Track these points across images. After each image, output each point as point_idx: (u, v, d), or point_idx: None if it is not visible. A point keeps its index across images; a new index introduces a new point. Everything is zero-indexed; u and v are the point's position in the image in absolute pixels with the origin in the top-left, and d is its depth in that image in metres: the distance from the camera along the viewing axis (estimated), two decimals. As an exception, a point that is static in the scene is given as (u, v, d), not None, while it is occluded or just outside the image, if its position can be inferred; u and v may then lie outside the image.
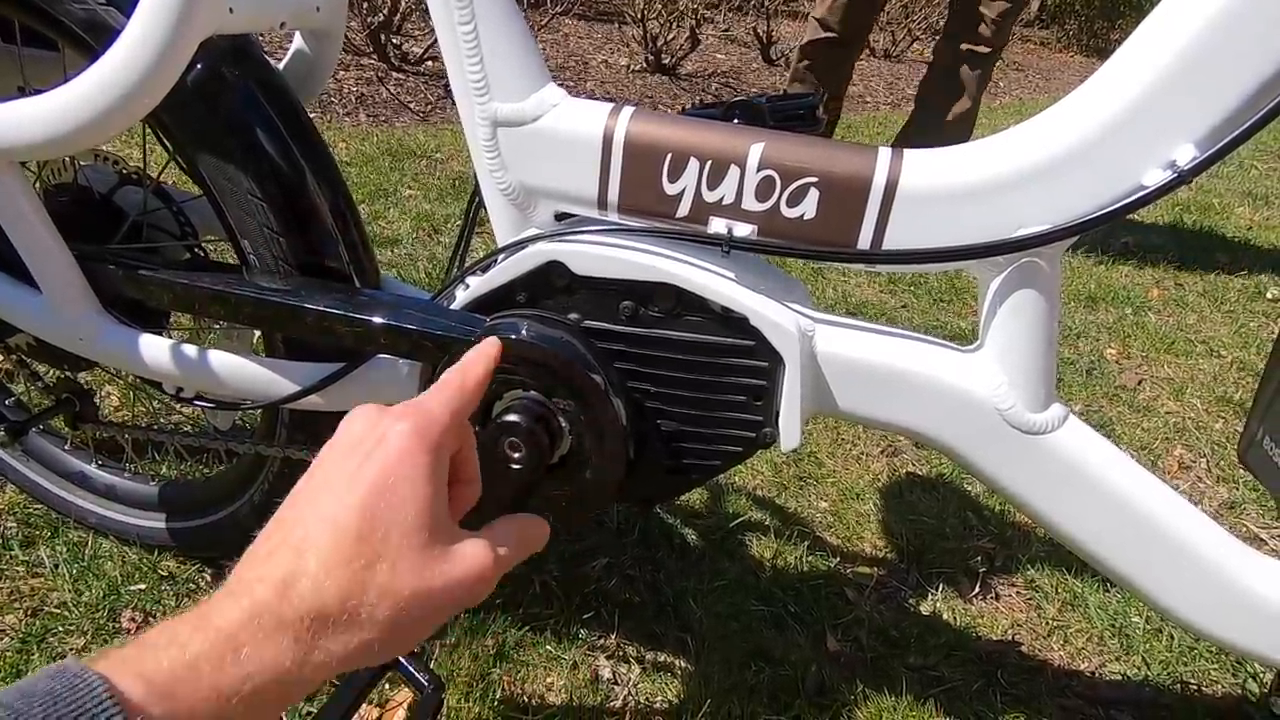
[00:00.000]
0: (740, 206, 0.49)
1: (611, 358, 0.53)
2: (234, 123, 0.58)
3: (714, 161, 0.48)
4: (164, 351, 0.62)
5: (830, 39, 2.11)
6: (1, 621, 0.78)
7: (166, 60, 0.50)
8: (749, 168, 0.47)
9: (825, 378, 0.52)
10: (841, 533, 1.05)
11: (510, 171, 0.53)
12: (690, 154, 0.48)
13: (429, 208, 1.94)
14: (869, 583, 0.96)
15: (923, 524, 1.07)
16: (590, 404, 0.52)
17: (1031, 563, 1.02)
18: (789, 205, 0.48)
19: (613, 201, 0.51)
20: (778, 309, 0.50)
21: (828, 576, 0.96)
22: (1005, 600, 0.97)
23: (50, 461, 0.90)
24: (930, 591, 0.97)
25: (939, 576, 0.99)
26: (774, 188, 0.47)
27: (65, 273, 0.60)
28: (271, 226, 0.60)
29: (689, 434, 0.55)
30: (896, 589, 0.96)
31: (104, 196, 0.74)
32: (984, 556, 1.03)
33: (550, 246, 0.52)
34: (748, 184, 0.48)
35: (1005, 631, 0.92)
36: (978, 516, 1.10)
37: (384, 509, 0.29)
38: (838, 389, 0.52)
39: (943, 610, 0.94)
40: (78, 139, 0.51)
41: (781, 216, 0.48)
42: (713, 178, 0.48)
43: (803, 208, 0.47)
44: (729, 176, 0.48)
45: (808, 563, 0.98)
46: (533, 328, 0.52)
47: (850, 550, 1.02)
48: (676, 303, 0.51)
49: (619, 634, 0.84)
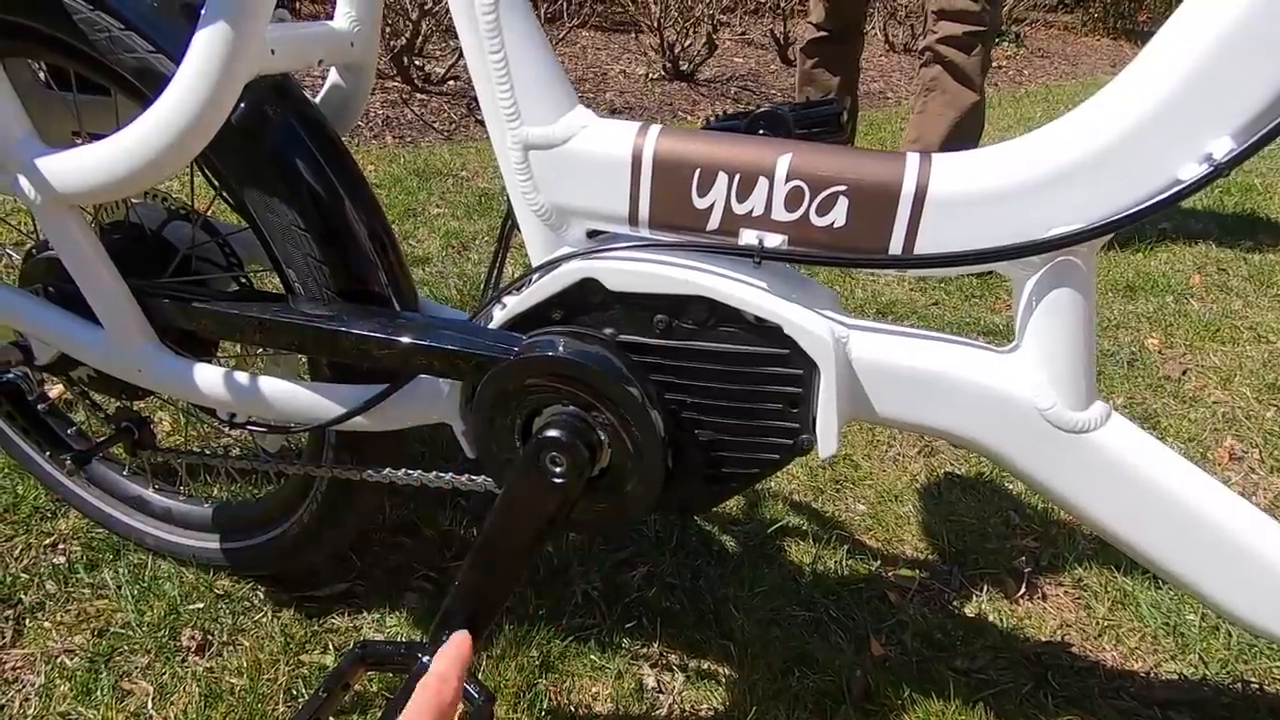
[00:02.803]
0: (770, 217, 0.49)
1: (648, 370, 0.54)
2: (277, 158, 0.60)
3: (742, 174, 0.49)
4: (218, 380, 0.64)
5: (825, 36, 2.12)
6: (70, 641, 0.82)
7: (215, 103, 0.52)
8: (777, 179, 0.48)
9: (861, 383, 0.52)
10: (881, 535, 1.04)
11: (542, 193, 0.54)
12: (719, 168, 0.49)
13: (457, 225, 1.97)
14: (911, 585, 0.95)
15: (964, 524, 1.06)
16: (628, 416, 0.53)
17: (1078, 561, 1.00)
18: (819, 214, 0.48)
19: (644, 218, 0.52)
20: (810, 316, 0.50)
21: (869, 580, 0.96)
22: (1053, 600, 0.95)
23: (110, 487, 0.94)
24: (974, 593, 0.95)
25: (983, 577, 0.98)
26: (803, 197, 0.48)
27: (123, 307, 0.63)
28: (315, 255, 0.62)
29: (726, 443, 0.55)
30: (940, 591, 0.95)
31: (155, 232, 0.78)
32: (1028, 556, 1.01)
33: (584, 264, 0.53)
34: (776, 195, 0.48)
35: (1054, 632, 0.91)
36: (1020, 515, 1.09)
37: None
38: (874, 394, 0.52)
39: (988, 611, 0.93)
40: (135, 181, 0.54)
41: (812, 225, 0.49)
42: (742, 190, 0.49)
43: (833, 216, 0.48)
44: (758, 188, 0.49)
45: (848, 566, 0.97)
46: (570, 344, 0.54)
47: (891, 553, 1.01)
48: (710, 314, 0.52)
49: (661, 642, 0.84)
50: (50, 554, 0.92)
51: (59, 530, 0.95)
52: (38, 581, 0.88)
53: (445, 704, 0.42)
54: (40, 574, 0.89)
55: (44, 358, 0.70)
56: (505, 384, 0.55)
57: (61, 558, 0.92)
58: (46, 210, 0.58)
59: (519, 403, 0.55)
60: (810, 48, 2.18)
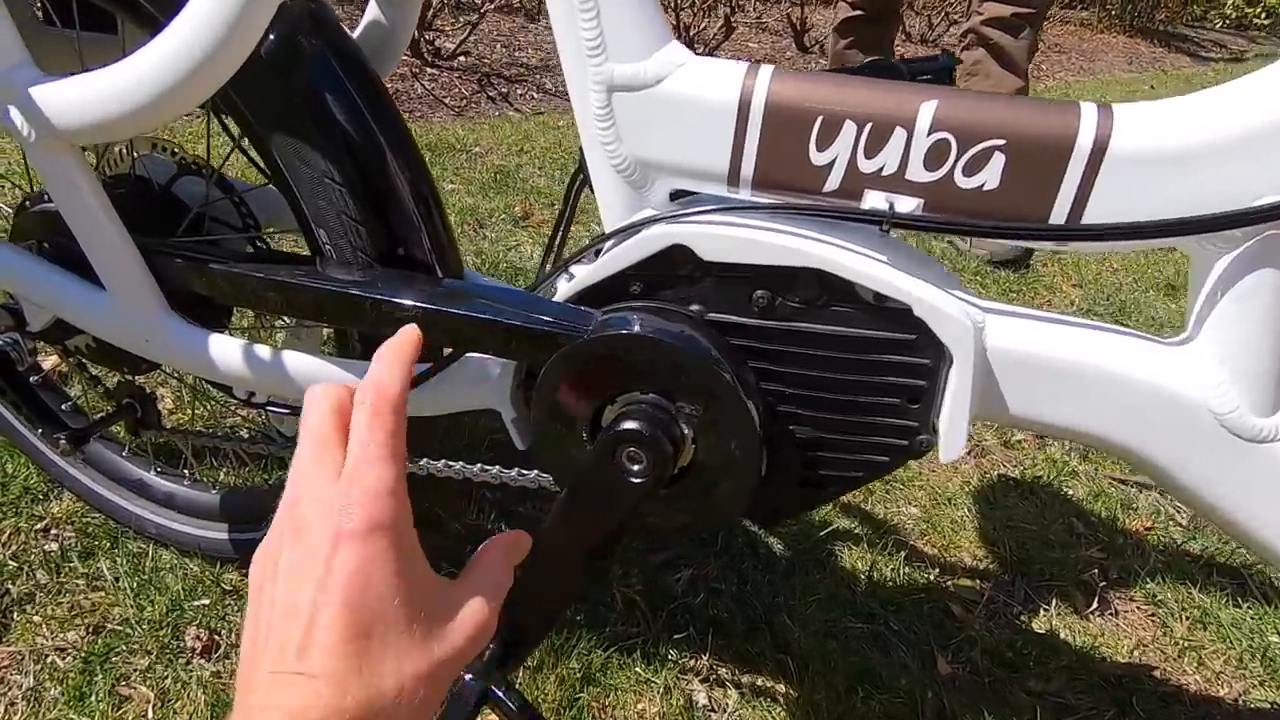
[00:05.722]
0: (904, 177, 0.41)
1: (743, 354, 0.47)
2: (311, 98, 0.52)
3: (875, 124, 0.41)
4: (236, 353, 0.56)
5: (861, 16, 2.01)
6: (63, 638, 0.74)
7: (242, 27, 0.44)
8: (918, 130, 0.40)
9: (995, 377, 0.44)
10: (936, 541, 0.97)
11: (626, 143, 0.46)
12: (846, 117, 0.41)
13: (472, 202, 1.89)
14: (975, 597, 0.88)
15: (1024, 531, 0.99)
16: (720, 407, 0.45)
17: (1150, 575, 0.93)
18: (966, 174, 0.40)
19: (747, 176, 0.44)
20: (946, 298, 0.43)
21: (928, 590, 0.89)
22: (1126, 617, 0.89)
23: (107, 468, 0.86)
24: (1042, 607, 0.89)
25: (1049, 590, 0.91)
26: (948, 154, 0.40)
27: (131, 268, 0.55)
28: (350, 213, 0.54)
29: (830, 441, 0.48)
30: (1005, 604, 0.89)
31: (163, 187, 0.69)
32: (1096, 568, 0.94)
33: (673, 229, 0.45)
34: (915, 150, 0.41)
35: (1131, 652, 0.84)
36: (1083, 522, 1.02)
37: (371, 607, 0.26)
38: (1010, 390, 0.44)
39: (1059, 628, 0.86)
40: (148, 116, 0.46)
41: (955, 188, 0.41)
42: (872, 144, 0.41)
43: (983, 176, 0.40)
44: (892, 142, 0.41)
45: (904, 574, 0.90)
46: (650, 321, 0.46)
47: (948, 560, 0.94)
48: (822, 291, 0.44)
49: (711, 654, 0.77)
50: (42, 540, 0.84)
51: (52, 514, 0.87)
52: (27, 570, 0.80)
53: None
54: (30, 562, 0.81)
55: (37, 324, 0.62)
56: (575, 366, 0.47)
57: (54, 544, 0.84)
58: (43, 149, 0.49)
59: (591, 388, 0.48)
60: (844, 27, 2.08)
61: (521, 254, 1.64)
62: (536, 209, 1.89)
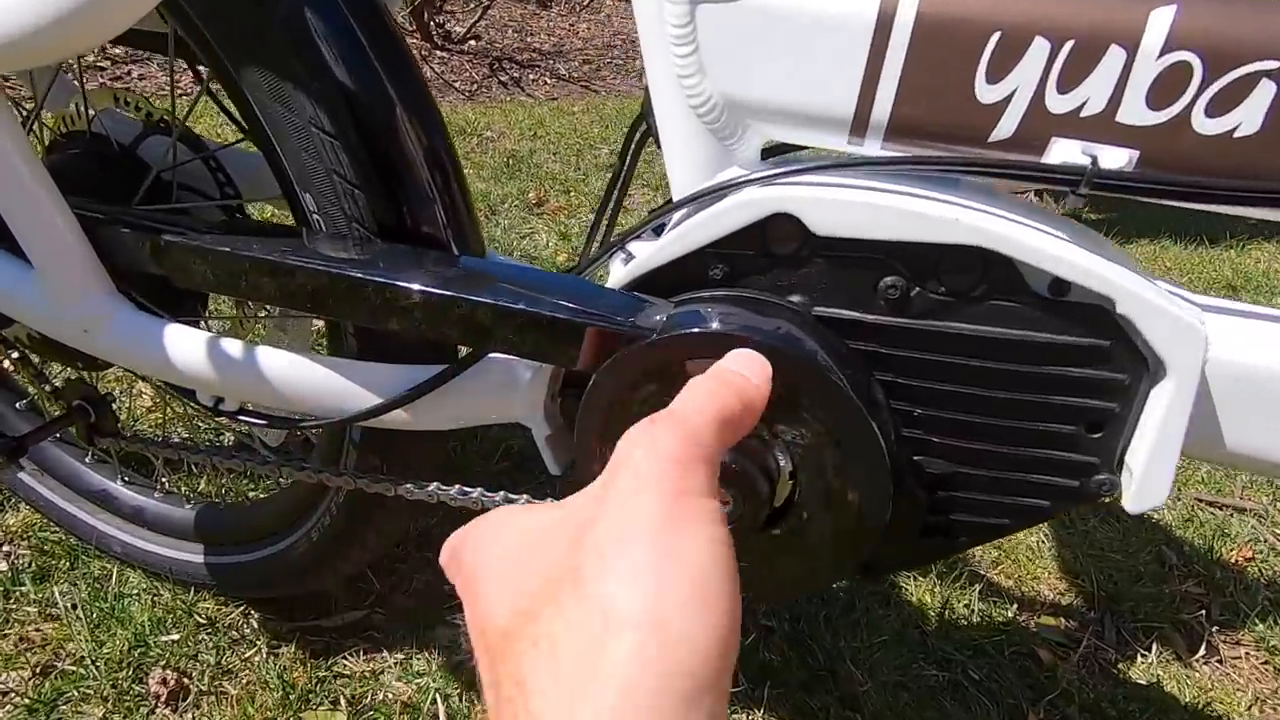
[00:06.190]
0: (1115, 119, 0.30)
1: (864, 362, 0.35)
2: (294, 26, 0.41)
3: (1079, 42, 0.29)
4: (198, 349, 0.45)
5: None
6: (5, 679, 0.63)
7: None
8: (1145, 50, 0.28)
9: (1215, 400, 0.32)
10: (1013, 572, 0.85)
11: (712, 77, 0.34)
12: (1037, 32, 0.29)
13: (484, 187, 1.78)
14: (1062, 639, 0.77)
15: (1110, 561, 0.87)
16: (831, 430, 0.34)
17: (1260, 616, 0.81)
18: (1210, 113, 0.29)
19: (880, 120, 0.33)
20: (1159, 292, 0.31)
21: (1008, 631, 0.77)
22: (1236, 665, 0.77)
23: (67, 476, 0.75)
24: (1139, 652, 0.77)
25: (1145, 632, 0.79)
26: (1188, 83, 0.28)
27: (65, 238, 0.43)
28: (344, 173, 0.43)
29: (973, 480, 0.36)
30: (1096, 648, 0.77)
31: (125, 148, 0.58)
32: (1197, 606, 0.82)
33: (772, 193, 0.34)
34: (1138, 78, 0.29)
35: (1249, 709, 0.72)
36: (1174, 551, 0.90)
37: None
38: (1233, 418, 0.33)
39: (1163, 679, 0.74)
40: (70, 34, 0.34)
41: (1191, 133, 0.29)
42: (1071, 71, 0.29)
43: (1238, 116, 0.28)
44: (1103, 67, 0.29)
45: (980, 612, 0.79)
46: (739, 316, 0.34)
47: (1027, 594, 0.82)
48: (980, 279, 0.33)
49: (766, 709, 0.66)
50: (-9, 558, 0.73)
51: (4, 526, 0.76)
52: (-29, 595, 0.69)
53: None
54: (-26, 585, 0.70)
55: (-37, 309, 0.51)
56: (636, 374, 0.35)
57: (3, 563, 0.73)
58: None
59: (656, 403, 0.36)
60: None
61: (536, 241, 1.53)
62: (551, 195, 1.78)
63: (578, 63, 3.32)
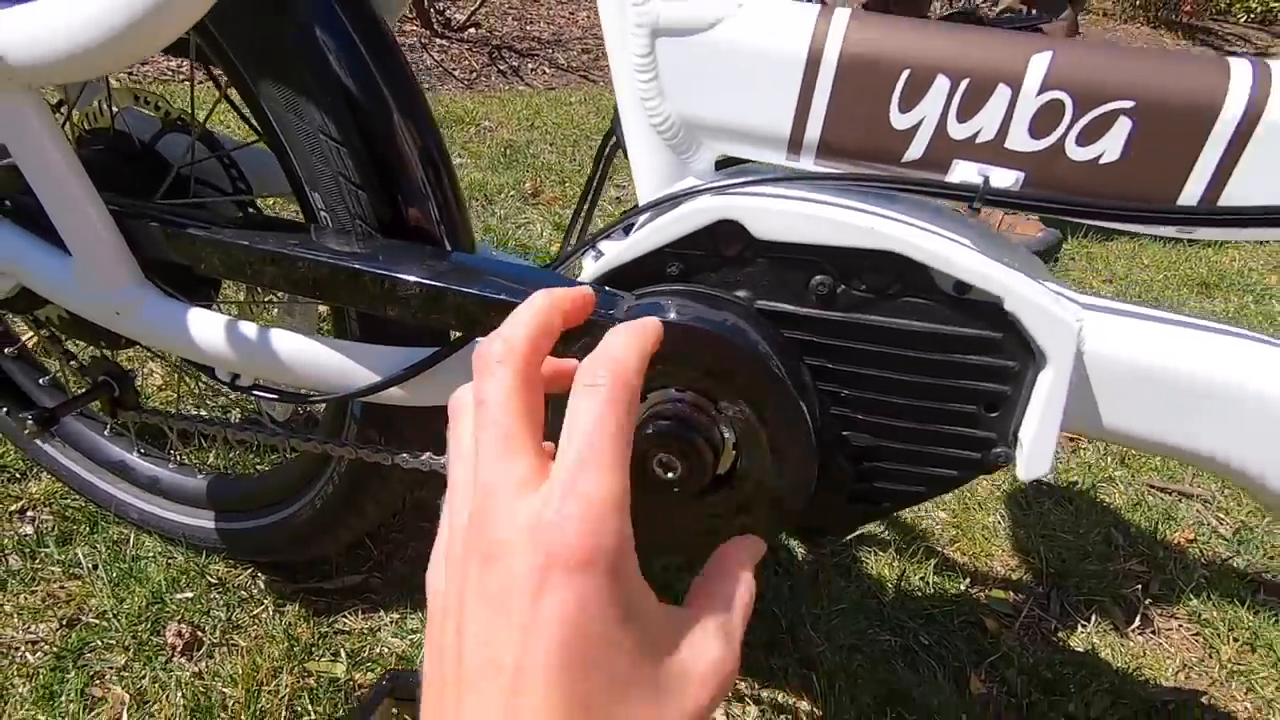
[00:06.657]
0: (1003, 145, 0.35)
1: (796, 349, 0.40)
2: (307, 42, 0.46)
3: (974, 80, 0.34)
4: (218, 331, 0.50)
5: None
6: (35, 630, 0.69)
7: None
8: (1026, 88, 0.34)
9: (1091, 385, 0.38)
10: (967, 549, 0.91)
11: (669, 99, 0.40)
12: (940, 71, 0.35)
13: (480, 176, 1.82)
14: (1009, 610, 0.83)
15: (1059, 540, 0.93)
16: (768, 408, 0.39)
17: (1195, 591, 0.88)
18: (1080, 143, 0.34)
19: (811, 141, 0.38)
20: (1043, 291, 0.36)
21: (959, 601, 0.83)
22: (1169, 636, 0.83)
23: (88, 448, 0.80)
24: (1080, 623, 0.83)
25: (1087, 604, 0.85)
26: (1061, 118, 0.34)
27: (100, 230, 0.48)
28: (349, 175, 0.48)
29: (891, 451, 0.42)
30: (1040, 618, 0.83)
31: (146, 145, 0.63)
32: (1137, 582, 0.89)
33: (720, 201, 0.39)
34: (1021, 112, 0.34)
35: (1176, 675, 0.78)
36: (1122, 533, 0.96)
37: (591, 664, 0.20)
38: (1108, 401, 0.38)
39: (1099, 647, 0.80)
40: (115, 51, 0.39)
41: (1065, 159, 0.34)
42: (968, 104, 0.35)
43: (1101, 146, 0.34)
44: (993, 102, 0.34)
45: (934, 584, 0.85)
46: (690, 308, 0.40)
47: (980, 570, 0.89)
48: (896, 279, 0.38)
49: (730, 667, 0.72)
50: (17, 522, 0.79)
51: (29, 494, 0.82)
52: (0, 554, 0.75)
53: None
54: (3, 545, 0.76)
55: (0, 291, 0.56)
56: (602, 357, 0.41)
57: (29, 527, 0.79)
58: (-5, 91, 0.43)
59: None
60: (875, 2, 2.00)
61: (531, 231, 1.58)
62: (547, 186, 1.82)
63: (576, 51, 3.34)
